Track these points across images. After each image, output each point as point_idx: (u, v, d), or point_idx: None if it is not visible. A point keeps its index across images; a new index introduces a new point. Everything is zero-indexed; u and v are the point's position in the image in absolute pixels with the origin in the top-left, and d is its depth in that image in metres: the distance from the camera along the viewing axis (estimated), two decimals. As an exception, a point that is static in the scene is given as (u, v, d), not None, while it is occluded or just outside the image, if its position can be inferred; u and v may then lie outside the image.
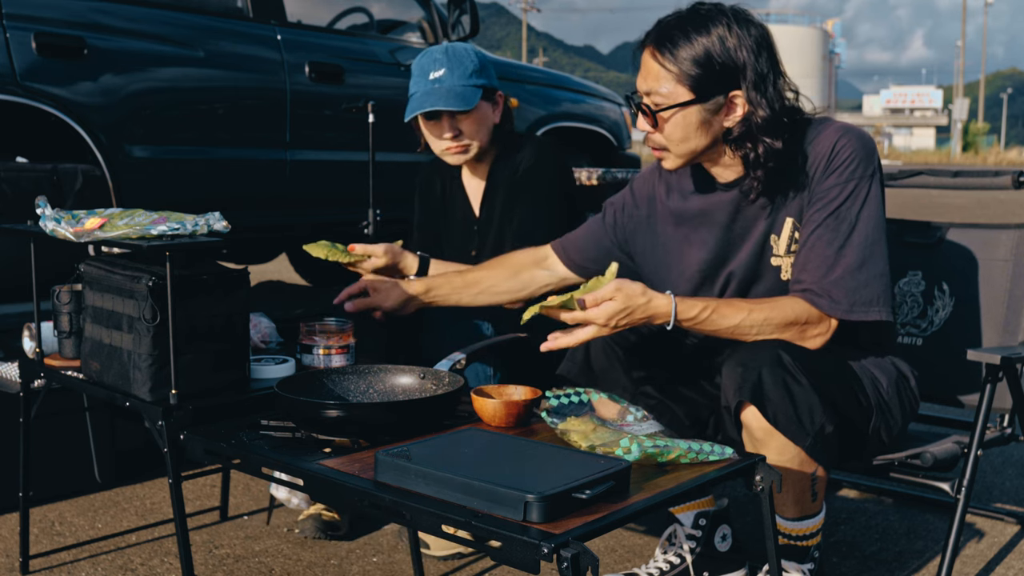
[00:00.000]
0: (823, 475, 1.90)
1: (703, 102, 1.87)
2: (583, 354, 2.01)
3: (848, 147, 1.89)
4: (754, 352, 1.83)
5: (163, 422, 1.77)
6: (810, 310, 1.88)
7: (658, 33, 1.89)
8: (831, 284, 1.87)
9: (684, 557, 2.15)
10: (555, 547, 1.22)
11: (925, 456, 2.01)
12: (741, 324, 1.87)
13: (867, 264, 1.88)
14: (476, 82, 2.44)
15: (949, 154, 55.82)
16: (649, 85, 1.89)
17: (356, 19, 4.49)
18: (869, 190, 1.90)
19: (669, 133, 1.91)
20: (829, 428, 1.81)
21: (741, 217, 1.99)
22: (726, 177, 1.99)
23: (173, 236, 1.82)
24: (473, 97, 2.43)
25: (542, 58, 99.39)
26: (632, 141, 5.62)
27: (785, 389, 1.79)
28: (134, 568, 2.31)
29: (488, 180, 2.57)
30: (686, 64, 1.85)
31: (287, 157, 3.88)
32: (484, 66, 2.48)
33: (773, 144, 1.88)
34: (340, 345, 2.04)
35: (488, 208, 2.56)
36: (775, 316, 1.87)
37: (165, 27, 3.53)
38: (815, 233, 1.89)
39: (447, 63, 2.45)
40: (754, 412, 1.80)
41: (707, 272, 2.02)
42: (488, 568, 2.32)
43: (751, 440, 1.85)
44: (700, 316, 1.86)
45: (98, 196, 3.18)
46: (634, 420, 1.74)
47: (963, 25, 65.11)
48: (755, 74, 1.86)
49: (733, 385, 1.82)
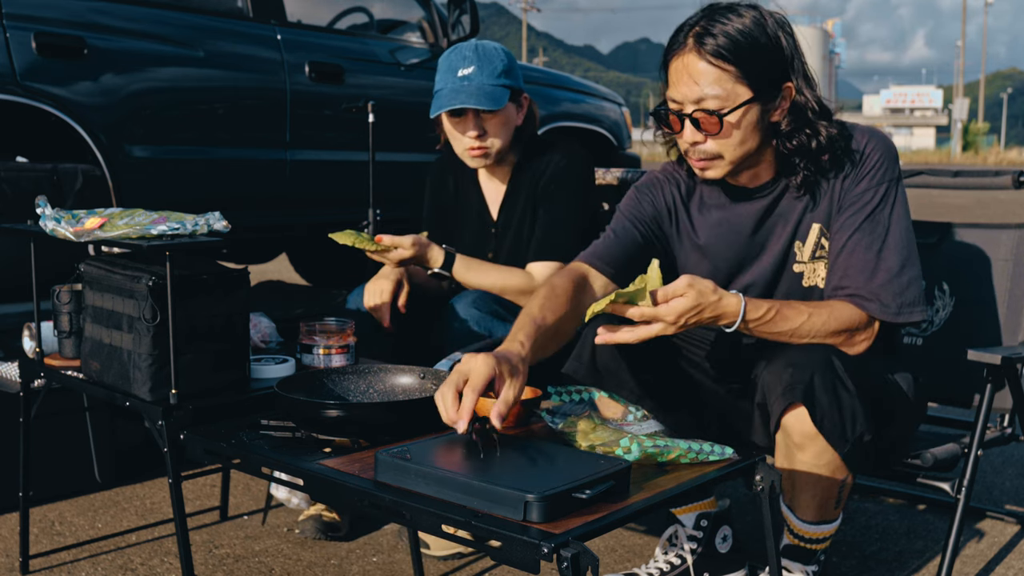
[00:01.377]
0: (851, 483, 1.89)
1: (763, 97, 1.81)
2: (589, 354, 1.99)
3: (877, 151, 1.89)
4: (807, 354, 1.79)
5: (163, 422, 1.77)
6: (861, 315, 1.86)
7: (696, 34, 1.79)
8: (879, 288, 1.85)
9: (685, 558, 2.15)
10: (555, 547, 1.22)
11: (925, 456, 2.01)
12: (801, 327, 1.82)
13: (907, 266, 1.86)
14: (504, 82, 2.42)
15: (949, 154, 55.82)
16: (702, 90, 1.78)
17: (356, 19, 4.49)
18: (897, 192, 1.89)
19: (728, 138, 1.82)
20: (868, 436, 1.79)
21: (764, 227, 1.96)
22: (753, 183, 1.94)
23: (173, 236, 1.82)
24: (502, 97, 2.41)
25: (542, 58, 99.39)
26: (632, 141, 5.61)
27: (834, 394, 1.76)
28: (134, 568, 2.31)
29: (510, 183, 2.54)
30: (740, 58, 1.76)
31: (287, 157, 3.88)
32: (512, 67, 2.46)
33: (830, 129, 1.84)
34: (340, 345, 2.04)
35: (508, 212, 2.54)
36: (832, 321, 1.84)
37: (165, 27, 3.53)
38: (853, 238, 1.87)
39: (477, 61, 2.42)
40: (801, 415, 1.76)
41: (720, 281, 1.96)
42: (488, 568, 2.32)
43: (786, 442, 1.82)
44: (766, 317, 1.79)
45: (98, 196, 3.18)
46: (634, 420, 1.74)
47: (963, 25, 65.08)
48: (799, 60, 1.83)
49: (781, 386, 1.77)
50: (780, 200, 1.95)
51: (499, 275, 2.43)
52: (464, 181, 2.63)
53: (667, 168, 2.08)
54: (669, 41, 1.87)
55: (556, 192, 2.47)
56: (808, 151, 1.85)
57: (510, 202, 2.54)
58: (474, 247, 2.57)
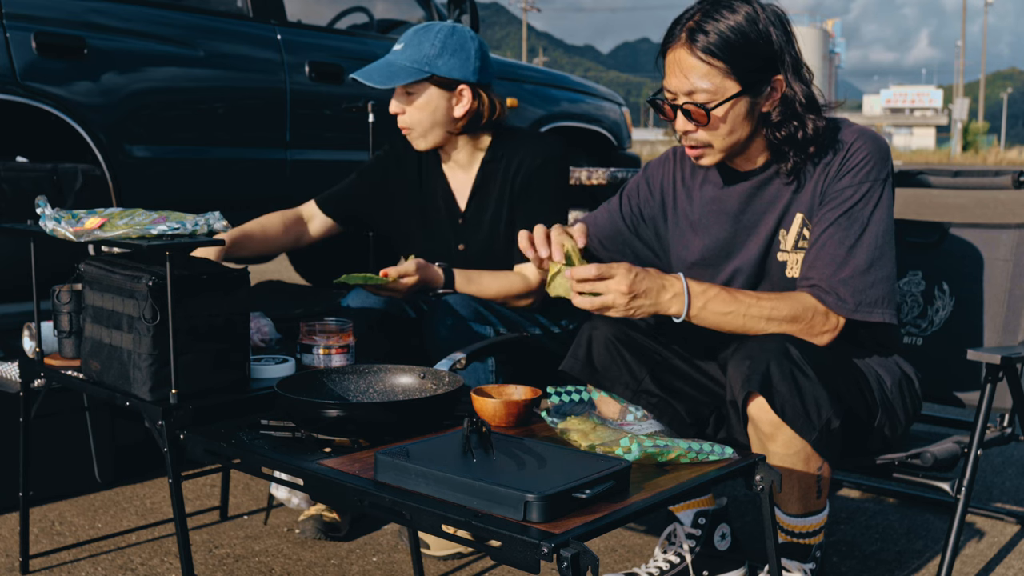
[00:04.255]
0: (828, 472, 1.90)
1: (752, 91, 1.86)
2: (585, 351, 2.01)
3: (864, 149, 1.91)
4: (761, 345, 1.83)
5: (163, 422, 1.77)
6: (816, 305, 1.89)
7: (689, 29, 1.85)
8: (839, 283, 1.88)
9: (684, 556, 2.15)
10: (555, 547, 1.22)
11: (925, 456, 2.01)
12: (749, 310, 1.86)
13: (875, 266, 1.89)
14: (423, 67, 2.40)
15: (949, 154, 55.83)
16: (692, 84, 1.85)
17: (356, 19, 4.49)
18: (882, 193, 1.91)
19: (716, 129, 1.88)
20: (835, 423, 1.81)
21: (751, 208, 2.00)
22: (746, 166, 1.99)
23: (173, 236, 1.82)
24: (402, 77, 2.39)
25: (542, 58, 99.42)
26: (632, 141, 5.62)
27: (793, 381, 1.79)
28: (134, 568, 2.31)
29: (479, 174, 2.52)
30: (729, 55, 1.82)
31: (287, 157, 3.88)
32: (447, 54, 2.40)
33: (817, 122, 1.89)
34: (340, 345, 2.04)
35: (477, 204, 2.53)
36: (782, 306, 1.88)
37: (165, 27, 3.53)
38: (827, 232, 1.90)
39: (408, 40, 2.43)
40: (762, 404, 1.80)
41: (709, 260, 2.03)
42: (488, 568, 2.32)
43: (757, 434, 1.85)
44: (709, 292, 1.85)
45: (98, 196, 3.18)
46: (634, 419, 1.74)
47: (963, 24, 65.10)
48: (789, 54, 1.87)
49: (740, 378, 1.81)
50: (769, 185, 1.98)
51: (499, 283, 2.43)
52: (428, 167, 2.60)
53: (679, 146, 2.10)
54: (666, 33, 1.92)
55: (538, 190, 2.47)
56: (795, 141, 1.90)
57: (480, 194, 2.52)
58: (440, 238, 2.57)
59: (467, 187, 2.55)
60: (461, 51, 2.42)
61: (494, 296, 2.41)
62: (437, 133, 2.47)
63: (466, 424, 1.49)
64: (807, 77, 1.91)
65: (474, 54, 2.44)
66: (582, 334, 2.03)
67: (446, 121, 2.46)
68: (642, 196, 2.17)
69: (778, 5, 1.92)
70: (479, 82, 2.45)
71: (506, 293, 2.42)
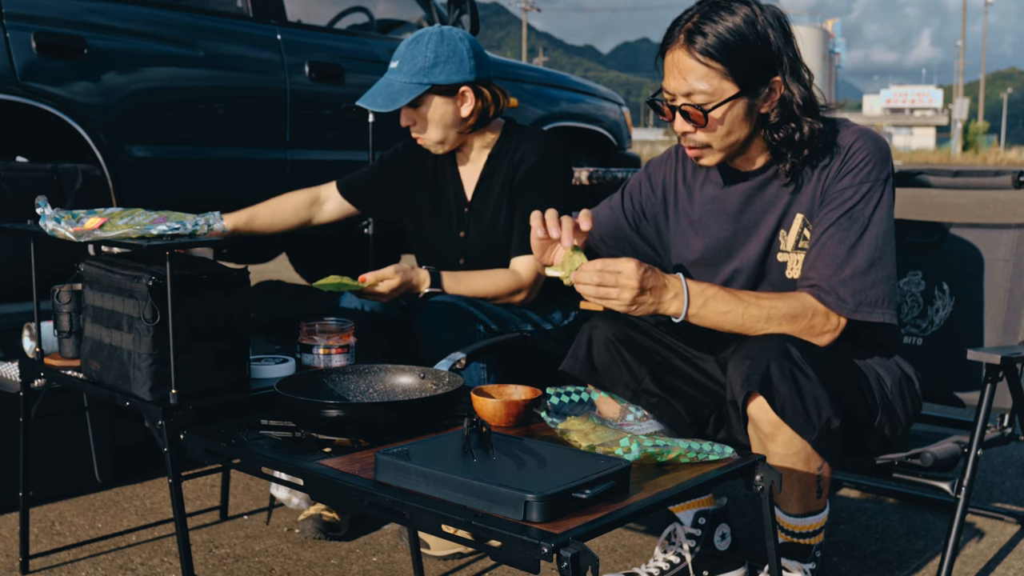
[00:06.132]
0: (828, 472, 1.90)
1: (749, 92, 1.87)
2: (585, 351, 2.01)
3: (864, 150, 1.92)
4: (761, 345, 1.83)
5: (163, 422, 1.77)
6: (816, 305, 1.89)
7: (687, 31, 1.86)
8: (839, 283, 1.88)
9: (684, 556, 2.15)
10: (555, 547, 1.22)
11: (925, 456, 2.01)
12: (749, 309, 1.87)
13: (876, 266, 1.89)
14: (422, 80, 2.42)
15: (949, 154, 55.82)
16: (690, 85, 1.86)
17: (356, 19, 4.49)
18: (882, 194, 1.91)
19: (714, 131, 1.89)
20: (836, 423, 1.82)
21: (751, 208, 2.00)
22: (746, 167, 2.00)
23: (173, 236, 1.82)
24: (405, 96, 2.41)
25: (542, 58, 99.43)
26: (632, 141, 5.62)
27: (793, 381, 1.79)
28: (134, 568, 2.31)
29: (486, 166, 2.56)
30: (727, 57, 1.83)
31: (287, 157, 3.88)
32: (441, 62, 2.42)
33: (814, 125, 1.89)
34: (340, 345, 2.04)
35: (482, 194, 2.55)
36: (782, 306, 1.88)
37: (165, 27, 3.53)
38: (827, 232, 1.90)
39: (401, 56, 2.45)
40: (762, 404, 1.80)
41: (709, 260, 2.03)
42: (488, 568, 2.32)
43: (757, 434, 1.85)
44: (708, 291, 1.86)
45: (98, 196, 3.18)
46: (634, 419, 1.74)
47: (963, 24, 65.12)
48: (787, 56, 1.88)
49: (740, 377, 1.81)
50: (769, 185, 1.99)
51: (487, 281, 2.44)
52: (442, 159, 2.64)
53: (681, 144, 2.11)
54: (665, 34, 1.92)
55: (536, 185, 2.48)
56: (793, 143, 1.91)
57: (485, 184, 2.56)
58: (446, 227, 2.60)
59: (474, 178, 2.59)
60: (454, 55, 2.44)
61: (483, 295, 2.42)
62: (451, 136, 2.51)
63: (466, 424, 1.49)
64: (806, 78, 1.91)
65: (467, 54, 2.46)
66: (582, 334, 2.03)
67: (456, 123, 2.49)
68: (644, 193, 2.17)
69: (778, 6, 1.92)
70: (478, 79, 2.48)
71: (495, 291, 2.44)
